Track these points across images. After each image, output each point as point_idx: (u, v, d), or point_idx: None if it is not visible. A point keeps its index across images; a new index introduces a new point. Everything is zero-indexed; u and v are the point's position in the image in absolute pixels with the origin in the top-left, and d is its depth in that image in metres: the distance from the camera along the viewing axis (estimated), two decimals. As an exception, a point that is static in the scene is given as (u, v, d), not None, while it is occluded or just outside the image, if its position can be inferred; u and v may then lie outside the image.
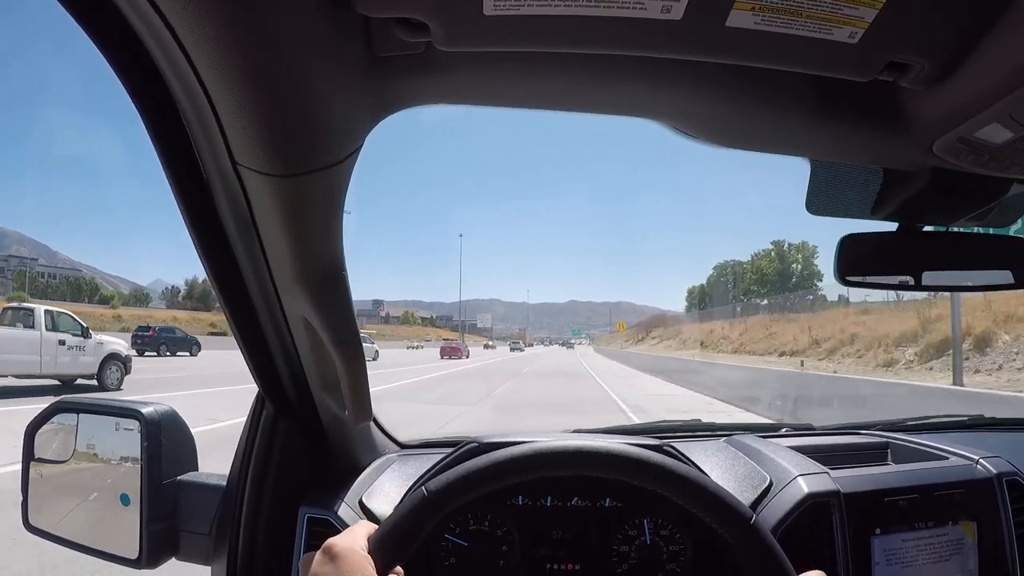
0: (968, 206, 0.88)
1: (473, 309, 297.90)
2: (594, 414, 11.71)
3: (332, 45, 0.50)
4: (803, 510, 0.94)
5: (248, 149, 0.56)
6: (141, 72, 0.55)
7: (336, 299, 0.77)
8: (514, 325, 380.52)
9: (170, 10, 0.44)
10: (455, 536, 0.95)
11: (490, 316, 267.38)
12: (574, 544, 0.96)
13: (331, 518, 0.93)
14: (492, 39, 0.51)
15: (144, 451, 0.97)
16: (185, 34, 0.45)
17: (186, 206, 0.68)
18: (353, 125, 0.61)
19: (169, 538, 1.00)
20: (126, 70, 0.55)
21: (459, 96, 0.65)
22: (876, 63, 0.55)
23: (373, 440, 1.14)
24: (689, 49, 0.53)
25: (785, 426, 1.43)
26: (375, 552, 0.63)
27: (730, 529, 0.68)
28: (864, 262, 0.97)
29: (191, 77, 0.50)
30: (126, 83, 0.56)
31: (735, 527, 0.68)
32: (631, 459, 0.70)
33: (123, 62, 0.54)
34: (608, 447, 0.71)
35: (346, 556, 0.60)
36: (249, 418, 1.01)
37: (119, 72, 0.55)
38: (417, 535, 0.66)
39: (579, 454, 0.70)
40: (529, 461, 0.69)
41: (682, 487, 0.69)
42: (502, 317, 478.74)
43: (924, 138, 0.70)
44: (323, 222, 0.69)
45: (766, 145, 0.79)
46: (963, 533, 1.02)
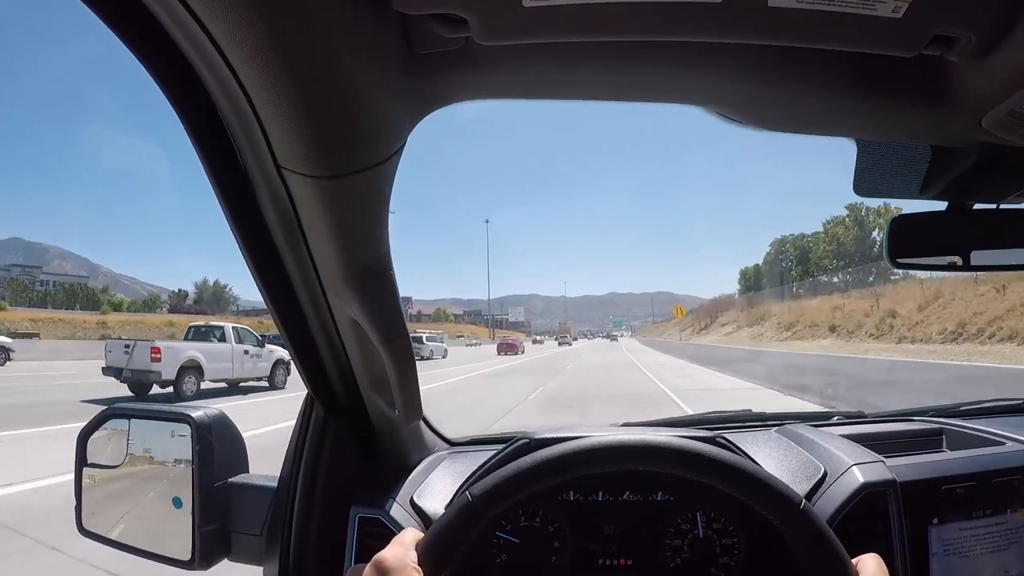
0: (1019, 182, 0.86)
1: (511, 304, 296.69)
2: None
3: (371, 45, 0.50)
4: (859, 500, 0.92)
5: (291, 152, 0.57)
6: (182, 80, 0.55)
7: (384, 298, 0.76)
8: (553, 319, 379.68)
9: (208, 16, 0.44)
10: (506, 533, 0.95)
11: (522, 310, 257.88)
12: (626, 539, 0.95)
13: (382, 517, 0.93)
14: (532, 31, 0.50)
15: (195, 454, 0.98)
16: (224, 40, 0.46)
17: (231, 212, 0.68)
18: (395, 124, 0.61)
19: (221, 539, 1.01)
20: (166, 78, 0.55)
21: (500, 90, 0.64)
22: (921, 37, 0.53)
23: (423, 439, 1.14)
24: (731, 31, 0.52)
25: (837, 414, 1.41)
26: (424, 561, 0.62)
27: (780, 515, 0.67)
28: (915, 243, 0.96)
29: (232, 83, 0.50)
30: (167, 91, 0.56)
31: (785, 512, 0.67)
32: (673, 450, 0.69)
33: (163, 71, 0.54)
34: (649, 440, 0.71)
35: (397, 570, 0.59)
36: (299, 419, 1.01)
37: (159, 80, 0.55)
38: (463, 541, 0.65)
39: (620, 449, 0.70)
40: (570, 460, 0.69)
41: (728, 475, 0.69)
42: (541, 312, 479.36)
43: (973, 113, 0.68)
44: (369, 222, 0.69)
45: (811, 127, 0.77)
46: (1022, 521, 0.99)
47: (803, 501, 0.68)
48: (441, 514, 0.69)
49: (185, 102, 0.57)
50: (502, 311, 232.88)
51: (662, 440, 0.71)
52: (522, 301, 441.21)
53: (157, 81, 0.55)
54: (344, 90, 0.52)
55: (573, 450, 0.69)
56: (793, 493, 0.69)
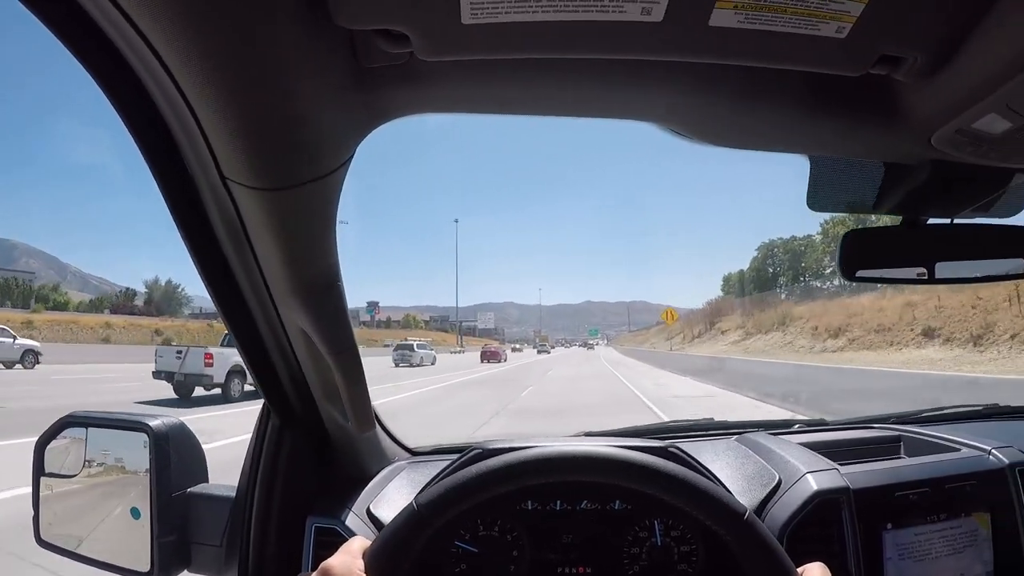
0: (971, 197, 0.87)
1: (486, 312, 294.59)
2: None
3: (317, 59, 0.50)
4: (812, 507, 0.94)
5: (236, 164, 0.57)
6: (129, 92, 0.55)
7: (332, 310, 0.77)
8: (528, 327, 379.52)
9: (151, 31, 0.44)
10: (465, 543, 0.95)
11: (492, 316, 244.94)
12: (584, 547, 0.96)
13: (338, 527, 0.93)
14: (472, 47, 0.51)
15: (153, 464, 0.97)
16: (166, 52, 0.46)
17: (180, 220, 0.68)
18: (342, 137, 0.61)
19: (180, 551, 1.00)
20: (114, 89, 0.55)
21: (447, 105, 0.65)
22: (867, 57, 0.54)
23: (382, 448, 1.14)
24: (672, 50, 0.53)
25: (798, 422, 1.42)
26: (371, 569, 0.63)
27: (724, 526, 0.68)
28: (870, 258, 0.96)
29: (176, 96, 0.50)
30: (115, 102, 0.56)
31: (729, 523, 0.68)
32: (617, 462, 0.70)
33: (111, 81, 0.54)
34: (592, 452, 0.71)
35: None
36: (256, 429, 1.01)
37: (107, 91, 0.55)
38: (410, 549, 0.66)
39: (564, 460, 0.70)
40: (514, 470, 0.69)
41: (672, 487, 0.69)
42: (517, 320, 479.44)
43: (922, 131, 0.69)
44: (315, 234, 0.69)
45: (763, 143, 0.78)
46: (977, 525, 1.01)
47: (747, 512, 0.68)
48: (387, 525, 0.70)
49: (132, 111, 0.57)
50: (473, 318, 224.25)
51: (606, 452, 0.71)
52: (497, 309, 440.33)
53: (104, 91, 0.55)
54: (288, 103, 0.52)
55: (517, 460, 0.70)
56: (738, 504, 0.69)
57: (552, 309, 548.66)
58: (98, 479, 1.05)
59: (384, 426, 1.15)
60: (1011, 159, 0.73)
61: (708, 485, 0.70)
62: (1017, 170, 0.80)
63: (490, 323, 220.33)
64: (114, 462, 1.03)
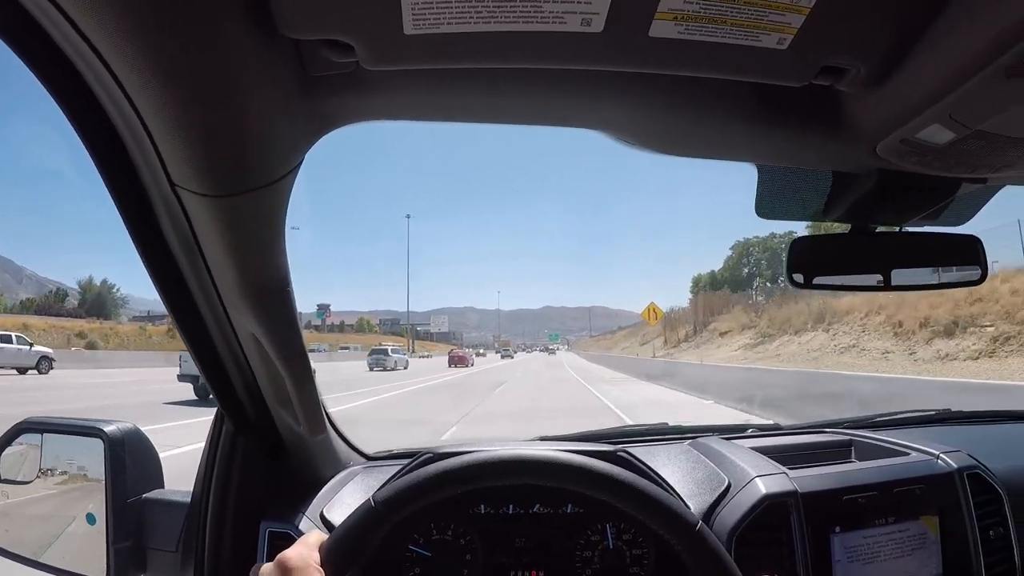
0: (918, 206, 0.88)
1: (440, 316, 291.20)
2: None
3: (264, 68, 0.50)
4: (761, 511, 0.95)
5: (184, 171, 0.57)
6: (79, 99, 0.55)
7: (282, 315, 0.77)
8: (488, 332, 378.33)
9: (99, 39, 0.44)
10: (418, 547, 0.95)
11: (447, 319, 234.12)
12: (537, 551, 0.96)
13: (292, 532, 0.93)
14: (415, 57, 0.51)
15: (108, 469, 0.97)
16: (115, 61, 0.46)
17: (132, 226, 0.68)
18: (290, 144, 0.62)
19: (136, 556, 0.99)
20: (65, 98, 0.55)
21: (394, 113, 0.65)
22: (809, 68, 0.55)
23: (336, 453, 1.14)
24: (614, 61, 0.54)
25: (751, 427, 1.44)
26: (326, 562, 0.63)
27: (675, 535, 0.68)
28: (819, 265, 0.97)
29: (125, 103, 0.50)
30: (65, 110, 0.56)
31: (680, 533, 0.68)
32: (571, 467, 0.70)
33: (61, 90, 0.54)
34: (544, 456, 0.72)
35: (299, 569, 0.61)
36: (210, 435, 1.01)
37: (57, 99, 0.55)
38: (366, 545, 0.67)
39: (517, 463, 0.71)
40: (470, 471, 0.70)
41: (624, 494, 0.70)
42: (476, 325, 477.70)
43: (867, 140, 0.70)
44: (265, 240, 0.70)
45: (710, 151, 0.79)
46: (925, 528, 1.02)
47: (699, 523, 0.69)
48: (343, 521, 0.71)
49: (83, 119, 0.57)
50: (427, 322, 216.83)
51: (559, 457, 0.72)
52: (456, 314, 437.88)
53: (55, 98, 0.55)
54: (236, 111, 0.52)
55: (474, 462, 0.71)
56: (689, 515, 0.70)
57: (512, 314, 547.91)
58: (53, 485, 1.04)
59: (338, 430, 1.15)
60: (955, 169, 0.75)
61: (660, 493, 0.71)
62: (963, 179, 0.81)
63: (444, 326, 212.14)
64: (69, 468, 1.03)
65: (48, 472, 1.04)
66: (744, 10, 0.48)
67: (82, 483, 1.02)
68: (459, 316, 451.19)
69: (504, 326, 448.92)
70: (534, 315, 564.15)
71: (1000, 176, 0.80)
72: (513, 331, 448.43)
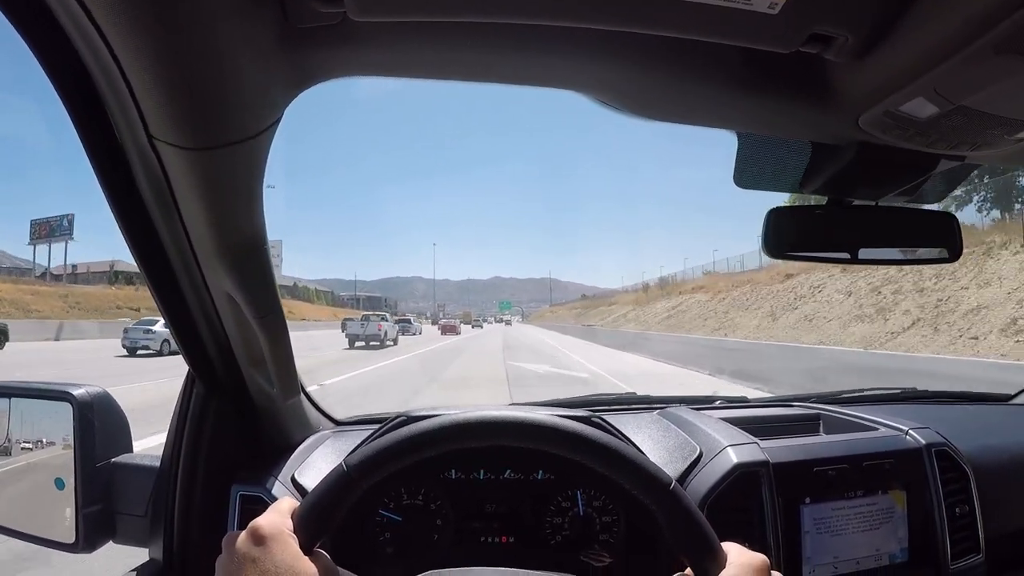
0: (896, 181, 0.89)
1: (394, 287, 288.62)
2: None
3: (246, 16, 0.49)
4: (732, 480, 0.96)
5: (163, 122, 0.56)
6: (55, 47, 0.54)
7: (257, 273, 0.76)
8: (430, 303, 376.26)
9: None
10: (389, 511, 0.95)
11: (380, 296, 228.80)
12: (507, 517, 0.97)
13: (263, 495, 0.93)
14: (405, 8, 0.50)
15: (76, 433, 0.95)
16: (93, 5, 0.45)
17: (105, 180, 0.67)
18: (270, 97, 0.61)
19: (105, 521, 0.98)
20: (39, 43, 0.53)
21: (378, 68, 0.64)
22: (798, 34, 0.55)
23: (307, 417, 1.14)
24: (604, 18, 0.53)
25: (719, 398, 1.45)
26: (299, 528, 0.63)
27: (649, 495, 0.68)
28: (794, 236, 0.97)
29: (104, 51, 0.49)
30: (40, 57, 0.54)
31: (654, 493, 0.68)
32: (545, 427, 0.70)
33: (35, 36, 0.53)
34: (521, 416, 0.71)
35: (272, 536, 0.60)
36: (180, 397, 0.99)
37: (31, 44, 0.53)
38: (338, 510, 0.66)
39: (493, 424, 0.70)
40: (443, 432, 0.69)
41: (599, 455, 0.69)
42: (423, 295, 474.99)
43: (850, 111, 0.70)
44: (242, 196, 0.69)
45: (691, 117, 0.78)
46: (893, 502, 1.04)
47: (672, 482, 0.68)
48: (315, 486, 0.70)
49: (57, 67, 0.56)
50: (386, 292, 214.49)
51: (534, 417, 0.71)
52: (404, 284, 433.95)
53: (29, 44, 0.53)
54: (216, 60, 0.51)
55: (448, 423, 0.70)
56: (663, 474, 0.69)
57: (461, 284, 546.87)
58: (20, 449, 1.01)
59: (309, 396, 1.15)
60: (936, 144, 0.75)
61: (635, 454, 0.71)
62: (942, 156, 0.81)
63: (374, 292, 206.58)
64: (37, 432, 1.00)
65: (15, 437, 1.02)
66: None
67: (50, 447, 0.99)
68: (407, 285, 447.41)
69: (452, 296, 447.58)
70: (483, 285, 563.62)
71: (978, 155, 0.81)
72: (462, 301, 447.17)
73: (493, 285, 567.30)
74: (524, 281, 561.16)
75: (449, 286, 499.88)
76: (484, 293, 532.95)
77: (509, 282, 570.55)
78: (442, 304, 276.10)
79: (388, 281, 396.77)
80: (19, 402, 1.02)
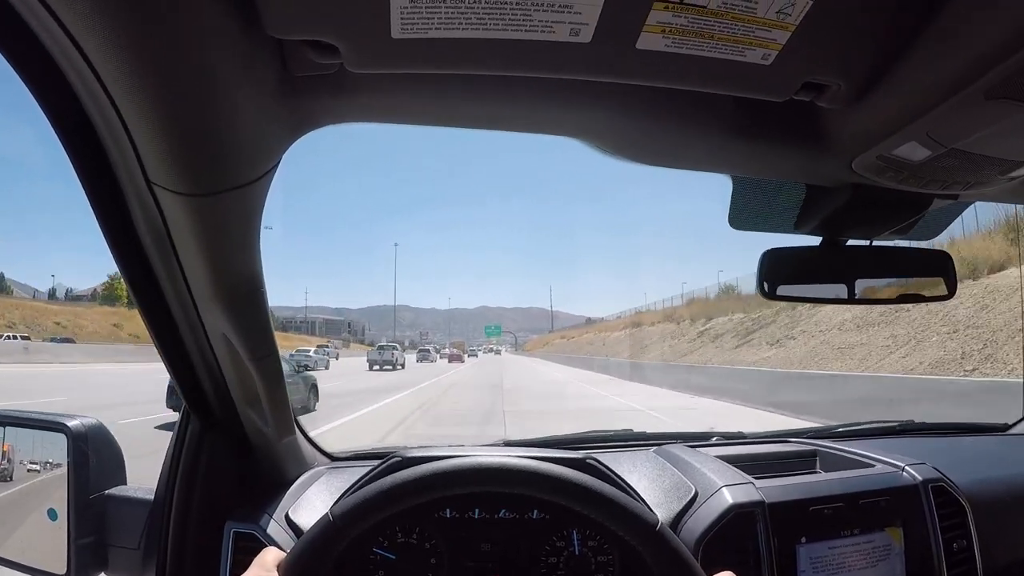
0: (889, 221, 0.89)
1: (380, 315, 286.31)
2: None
3: (245, 66, 0.50)
4: (728, 520, 0.95)
5: (161, 168, 0.56)
6: (57, 93, 0.54)
7: (254, 316, 0.77)
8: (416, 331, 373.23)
9: (79, 32, 0.44)
10: (383, 550, 0.95)
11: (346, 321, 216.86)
12: (503, 556, 0.96)
13: (257, 533, 0.93)
14: (402, 61, 0.51)
15: (71, 464, 0.95)
16: (94, 55, 0.45)
17: (104, 221, 0.68)
18: (269, 144, 0.61)
19: (98, 553, 0.98)
20: (41, 89, 0.54)
21: (374, 115, 0.65)
22: (791, 84, 0.56)
23: (301, 453, 1.13)
24: (600, 71, 0.54)
25: (716, 435, 1.45)
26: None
27: (636, 536, 0.68)
28: (790, 277, 0.98)
29: (102, 96, 0.50)
30: (41, 101, 0.55)
31: (641, 534, 0.68)
32: (531, 474, 0.70)
33: (38, 80, 0.53)
34: (508, 463, 0.71)
35: None
36: (176, 432, 0.99)
37: (33, 90, 0.54)
38: (326, 561, 0.66)
39: (480, 472, 0.70)
40: (430, 481, 0.69)
41: (586, 498, 0.69)
42: (410, 323, 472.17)
43: (843, 155, 0.71)
44: (239, 240, 0.69)
45: (687, 163, 0.80)
46: (890, 539, 1.03)
47: (659, 523, 0.69)
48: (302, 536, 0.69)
49: (58, 111, 0.56)
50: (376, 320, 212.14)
51: (521, 464, 0.71)
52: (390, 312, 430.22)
53: (32, 92, 0.54)
54: (215, 108, 0.52)
55: (434, 472, 0.70)
56: (650, 515, 0.70)
57: (447, 313, 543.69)
58: (14, 479, 1.02)
59: (304, 431, 1.14)
60: (930, 185, 0.76)
61: (620, 496, 0.71)
62: (935, 195, 0.82)
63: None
64: (32, 462, 1.00)
65: (8, 465, 1.02)
66: (731, 25, 0.48)
67: (44, 478, 0.99)
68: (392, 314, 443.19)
69: (439, 326, 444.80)
70: (469, 315, 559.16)
71: (971, 193, 0.82)
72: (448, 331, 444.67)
73: (480, 314, 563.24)
74: (511, 310, 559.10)
75: (436, 315, 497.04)
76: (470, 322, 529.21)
77: (496, 311, 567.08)
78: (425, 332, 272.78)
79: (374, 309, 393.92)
80: (14, 431, 1.02)
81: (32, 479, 1.00)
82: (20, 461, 1.01)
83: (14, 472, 1.02)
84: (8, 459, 1.02)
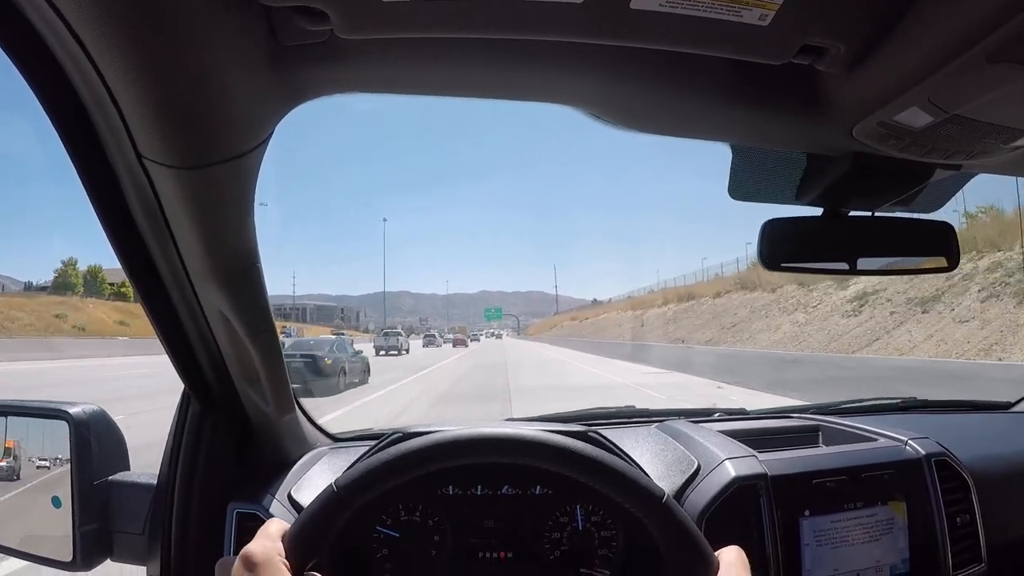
0: (891, 191, 0.89)
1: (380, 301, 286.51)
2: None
3: (234, 35, 0.49)
4: (730, 493, 0.95)
5: (151, 141, 0.56)
6: (43, 66, 0.53)
7: (250, 292, 0.76)
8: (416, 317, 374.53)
9: (64, 3, 0.43)
10: (386, 527, 0.95)
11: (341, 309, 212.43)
12: (506, 532, 0.96)
13: (260, 513, 0.93)
14: (392, 25, 0.50)
15: (73, 451, 0.95)
16: (80, 26, 0.44)
17: (96, 199, 0.67)
18: (260, 115, 0.60)
19: (103, 539, 0.98)
20: (27, 64, 0.53)
21: (368, 85, 0.64)
22: (789, 46, 0.55)
23: (303, 434, 1.13)
24: (594, 32, 0.53)
25: (718, 411, 1.44)
26: (290, 552, 0.62)
27: (642, 509, 0.68)
28: (791, 248, 0.97)
29: (90, 70, 0.49)
30: (27, 77, 0.54)
31: (647, 506, 0.68)
32: (537, 444, 0.69)
33: (23, 55, 0.52)
34: (513, 433, 0.71)
35: (264, 563, 0.60)
36: (176, 414, 0.99)
37: (19, 65, 0.53)
38: (329, 532, 0.66)
39: (484, 442, 0.70)
40: (434, 451, 0.68)
41: (592, 469, 0.69)
42: (411, 309, 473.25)
43: (844, 122, 0.70)
44: (233, 214, 0.68)
45: (685, 130, 0.79)
46: (893, 513, 1.03)
47: (665, 495, 0.68)
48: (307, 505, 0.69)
49: (45, 86, 0.55)
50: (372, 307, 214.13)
51: (526, 434, 0.71)
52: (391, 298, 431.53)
53: (17, 65, 0.53)
54: (204, 79, 0.51)
55: (438, 442, 0.69)
56: (656, 487, 0.69)
57: (448, 298, 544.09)
58: (16, 467, 1.01)
59: (305, 411, 1.14)
60: (931, 154, 0.75)
61: (626, 468, 0.70)
62: (938, 165, 0.81)
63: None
64: (33, 450, 1.00)
65: (10, 454, 1.01)
66: None
67: (46, 466, 0.99)
68: (394, 300, 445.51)
69: (439, 311, 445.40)
70: (470, 299, 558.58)
71: (974, 163, 0.82)
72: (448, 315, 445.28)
73: (480, 299, 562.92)
74: (512, 294, 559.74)
75: (436, 300, 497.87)
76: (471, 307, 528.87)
77: (496, 295, 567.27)
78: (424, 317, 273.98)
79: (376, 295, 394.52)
80: (16, 420, 1.02)
81: (41, 476, 1.00)
82: (29, 459, 1.01)
83: (21, 470, 1.01)
84: (15, 456, 1.02)
